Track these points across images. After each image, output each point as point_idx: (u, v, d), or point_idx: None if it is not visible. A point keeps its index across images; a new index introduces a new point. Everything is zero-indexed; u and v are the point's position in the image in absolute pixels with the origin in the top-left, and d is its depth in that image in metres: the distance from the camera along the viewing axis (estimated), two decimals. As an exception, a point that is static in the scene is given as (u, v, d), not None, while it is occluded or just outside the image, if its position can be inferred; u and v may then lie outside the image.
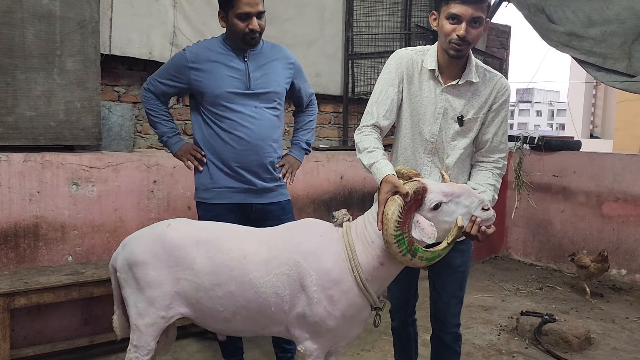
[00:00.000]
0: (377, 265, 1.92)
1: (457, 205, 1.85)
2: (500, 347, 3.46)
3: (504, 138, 2.18)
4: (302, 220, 2.17)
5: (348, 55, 4.82)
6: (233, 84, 2.48)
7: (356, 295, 1.94)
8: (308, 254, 1.95)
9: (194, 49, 2.54)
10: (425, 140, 2.16)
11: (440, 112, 2.12)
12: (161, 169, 3.47)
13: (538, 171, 5.37)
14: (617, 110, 9.35)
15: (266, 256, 1.98)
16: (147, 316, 2.06)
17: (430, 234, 1.79)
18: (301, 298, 1.94)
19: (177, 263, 2.02)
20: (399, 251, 1.78)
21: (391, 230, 1.76)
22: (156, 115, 2.65)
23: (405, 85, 2.13)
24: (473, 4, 1.93)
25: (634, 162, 4.89)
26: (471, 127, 2.13)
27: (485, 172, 2.17)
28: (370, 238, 1.92)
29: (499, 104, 2.13)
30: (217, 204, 2.55)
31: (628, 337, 3.68)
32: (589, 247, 5.09)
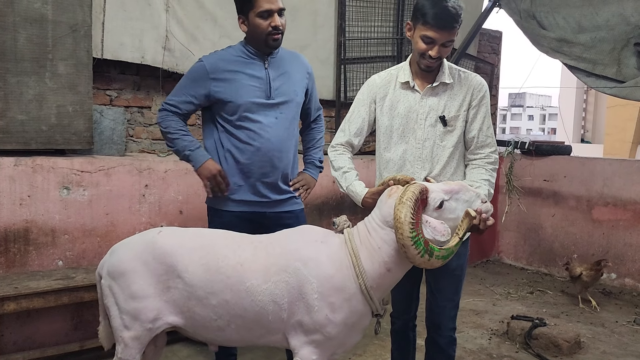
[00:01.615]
0: (384, 272, 1.90)
1: (458, 201, 1.88)
2: (490, 352, 3.48)
3: (490, 132, 2.26)
4: (300, 227, 2.13)
5: (340, 60, 4.84)
6: (255, 94, 2.40)
7: (359, 302, 1.91)
8: (308, 261, 1.91)
9: (212, 60, 2.43)
10: (416, 148, 2.22)
11: (423, 117, 2.21)
12: (153, 173, 3.46)
13: (529, 176, 5.41)
14: (607, 115, 9.43)
15: (264, 263, 1.94)
16: (132, 329, 2.00)
17: (443, 232, 1.80)
18: (300, 306, 1.89)
19: (168, 271, 1.97)
20: (417, 253, 1.75)
21: (407, 232, 1.73)
22: (175, 131, 2.46)
23: (378, 104, 2.28)
24: (447, 30, 2.05)
25: (624, 166, 4.93)
26: (455, 125, 2.21)
27: (478, 169, 2.23)
28: (377, 244, 1.89)
29: (477, 100, 2.22)
30: (230, 211, 2.48)
31: (617, 341, 3.71)
32: (579, 252, 5.13)
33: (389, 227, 1.87)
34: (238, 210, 2.48)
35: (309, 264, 1.90)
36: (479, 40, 5.92)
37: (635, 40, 4.56)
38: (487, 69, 6.06)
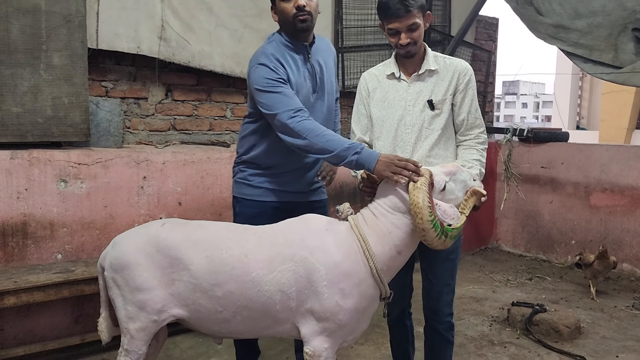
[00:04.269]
0: (395, 255, 1.96)
1: (456, 182, 2.00)
2: (492, 338, 3.49)
3: (478, 114, 2.34)
4: (303, 216, 2.12)
5: (338, 48, 4.80)
6: (306, 87, 2.36)
7: (369, 286, 1.95)
8: (315, 249, 1.92)
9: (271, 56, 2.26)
10: (405, 134, 2.29)
11: (412, 104, 2.27)
12: (151, 164, 3.44)
13: (527, 163, 5.41)
14: (602, 101, 9.44)
15: (269, 253, 1.94)
16: (137, 320, 2.00)
17: (453, 215, 1.88)
18: (309, 294, 1.91)
19: (172, 264, 1.97)
20: (436, 235, 1.83)
21: (426, 216, 1.80)
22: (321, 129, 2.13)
23: (370, 97, 2.36)
24: (404, 17, 2.13)
25: (621, 152, 4.94)
26: (442, 108, 2.27)
27: (469, 150, 2.31)
28: (387, 229, 1.95)
29: (464, 85, 2.28)
30: (263, 201, 2.44)
31: (617, 325, 3.73)
32: (577, 238, 5.16)
33: (400, 212, 1.94)
34: (273, 200, 2.44)
35: (316, 252, 1.92)
36: (475, 27, 5.89)
37: (633, 25, 4.55)
38: (484, 56, 6.04)
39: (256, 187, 2.44)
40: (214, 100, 4.19)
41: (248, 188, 2.45)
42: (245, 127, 2.47)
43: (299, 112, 2.15)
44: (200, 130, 4.14)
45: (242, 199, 2.46)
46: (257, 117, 2.38)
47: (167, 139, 3.96)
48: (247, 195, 2.45)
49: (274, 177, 2.44)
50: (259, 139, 2.42)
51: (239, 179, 2.49)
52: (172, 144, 3.89)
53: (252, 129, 2.43)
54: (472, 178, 2.06)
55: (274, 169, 2.44)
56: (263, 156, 2.42)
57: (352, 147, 2.05)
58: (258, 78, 2.22)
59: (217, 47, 3.95)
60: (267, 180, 2.44)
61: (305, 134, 2.10)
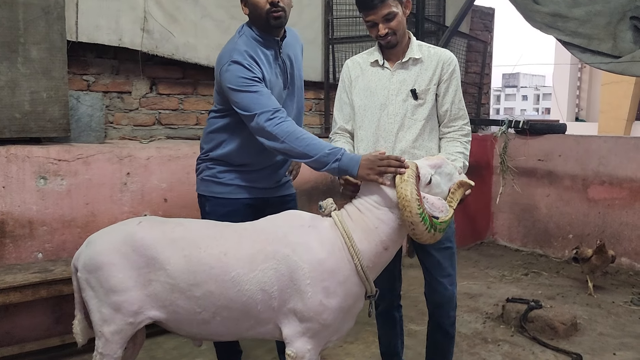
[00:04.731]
0: (381, 251, 1.91)
1: (441, 175, 1.93)
2: (485, 336, 3.41)
3: (461, 105, 2.29)
4: (284, 213, 2.07)
5: (328, 39, 4.70)
6: (278, 85, 2.28)
7: (354, 284, 1.89)
8: (297, 246, 1.87)
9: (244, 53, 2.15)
10: (388, 123, 2.24)
11: (395, 93, 2.23)
12: (134, 160, 3.36)
13: (523, 155, 5.31)
14: (602, 92, 9.32)
15: (249, 251, 1.88)
16: (112, 323, 1.93)
17: (441, 207, 1.84)
18: (292, 293, 1.85)
19: (149, 264, 1.90)
20: (425, 229, 1.79)
21: (415, 210, 1.76)
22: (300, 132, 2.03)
23: (353, 84, 2.30)
24: (378, 8, 2.11)
25: (619, 144, 4.84)
26: (425, 98, 2.23)
27: (452, 142, 2.26)
28: (373, 224, 1.90)
29: (448, 74, 2.24)
30: (234, 199, 2.34)
31: (614, 322, 3.65)
32: (575, 232, 5.07)
33: (386, 207, 1.89)
34: (245, 197, 2.36)
35: (298, 250, 1.86)
36: (471, 17, 5.77)
37: (632, 13, 4.43)
38: (480, 47, 5.92)
39: (227, 185, 2.35)
40: (200, 93, 4.09)
41: (218, 186, 2.36)
42: (213, 122, 2.36)
43: (277, 112, 2.06)
44: (186, 124, 4.04)
45: (212, 197, 2.36)
46: (227, 113, 2.28)
47: (152, 134, 3.87)
48: (217, 193, 2.36)
49: (245, 174, 2.35)
50: (229, 136, 2.32)
51: (206, 176, 2.38)
52: (157, 139, 3.79)
53: (221, 125, 2.33)
54: (458, 171, 2.00)
55: (246, 166, 2.35)
56: (234, 155, 2.32)
57: (332, 152, 1.96)
58: (232, 77, 2.11)
59: (203, 39, 3.84)
60: (237, 177, 2.35)
61: (284, 137, 2.01)
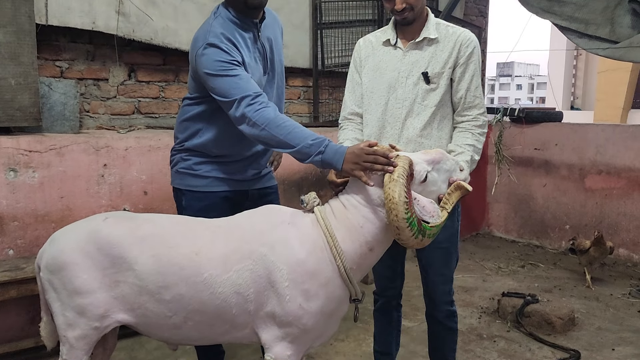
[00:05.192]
0: (366, 252, 1.75)
1: (439, 171, 1.77)
2: (481, 331, 3.28)
3: (478, 92, 2.10)
4: (262, 208, 1.91)
5: (317, 24, 4.51)
6: (258, 70, 2.11)
7: (336, 287, 1.74)
8: (275, 245, 1.72)
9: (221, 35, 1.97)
10: (395, 108, 2.08)
11: (405, 75, 2.06)
12: (112, 151, 3.19)
13: (519, 144, 5.17)
14: (598, 80, 9.19)
15: (223, 250, 1.74)
16: (77, 327, 1.78)
17: (432, 212, 1.67)
18: (270, 296, 1.71)
19: (115, 264, 1.75)
20: (412, 235, 1.63)
21: (402, 214, 1.59)
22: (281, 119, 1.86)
23: (363, 64, 2.16)
24: None
25: (617, 132, 4.71)
26: (438, 83, 2.05)
27: (464, 133, 2.09)
28: (358, 223, 1.73)
29: (465, 57, 2.05)
30: (211, 192, 2.17)
31: (613, 315, 3.53)
32: (572, 222, 4.94)
33: (373, 205, 1.73)
34: (224, 189, 2.19)
35: (277, 249, 1.71)
36: (465, 1, 5.60)
37: (631, -4, 4.28)
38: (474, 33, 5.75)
39: (203, 177, 2.18)
40: (182, 81, 3.90)
41: (194, 179, 2.19)
42: (187, 110, 2.18)
43: (258, 97, 1.89)
44: (167, 113, 3.86)
45: (188, 191, 2.19)
46: (202, 100, 2.11)
47: (131, 123, 3.69)
48: (193, 186, 2.19)
49: (223, 165, 2.18)
50: (205, 125, 2.14)
51: (181, 168, 2.21)
52: (137, 128, 3.62)
53: (196, 113, 2.15)
54: (460, 167, 1.83)
55: (224, 157, 2.18)
56: (211, 145, 2.15)
57: (315, 143, 1.78)
58: (208, 61, 1.94)
59: (184, 23, 3.65)
60: (215, 168, 2.18)
61: (264, 124, 1.84)
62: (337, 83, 4.66)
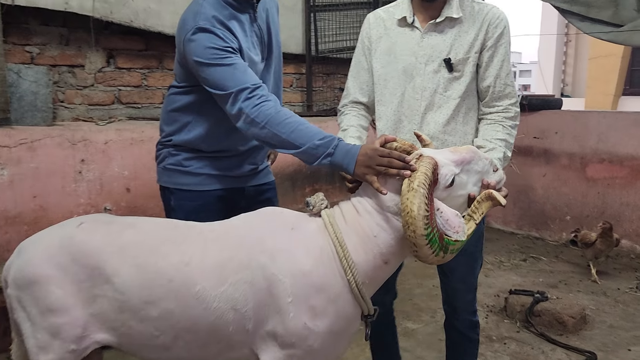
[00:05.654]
0: (380, 265, 1.53)
1: (469, 173, 1.52)
2: (489, 333, 3.11)
3: (509, 79, 1.84)
4: (262, 210, 1.67)
5: (309, 7, 4.25)
6: (256, 56, 1.88)
7: (347, 303, 1.52)
8: (277, 254, 1.50)
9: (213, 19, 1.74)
10: (414, 99, 1.83)
11: (423, 61, 1.80)
12: (90, 145, 2.96)
13: (522, 133, 4.99)
14: (589, 67, 9.09)
15: (218, 260, 1.51)
16: (51, 351, 1.55)
17: (457, 228, 1.43)
18: (271, 313, 1.49)
19: (92, 276, 1.53)
20: (431, 252, 1.40)
21: (420, 230, 1.36)
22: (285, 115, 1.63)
23: (373, 46, 1.89)
24: None
25: (620, 119, 4.56)
26: (463, 70, 1.80)
27: (493, 126, 1.83)
28: (372, 231, 1.51)
29: (494, 39, 1.79)
30: (204, 191, 1.94)
31: (623, 311, 3.39)
32: (572, 213, 4.80)
33: (389, 212, 1.51)
34: (217, 187, 1.96)
35: (279, 258, 1.49)
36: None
37: (638, -23, 4.11)
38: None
39: (195, 174, 1.93)
40: (167, 67, 3.64)
41: (184, 176, 1.94)
42: (174, 100, 1.93)
43: (257, 90, 1.65)
44: (151, 103, 3.59)
45: (178, 190, 1.95)
46: (190, 89, 1.86)
47: (111, 114, 3.42)
48: (183, 185, 1.94)
49: (216, 161, 1.95)
50: (194, 118, 1.89)
51: (170, 165, 1.96)
52: (118, 120, 3.37)
53: (185, 104, 1.90)
54: (493, 167, 1.59)
55: (217, 152, 1.95)
56: (201, 141, 1.91)
57: (323, 144, 1.56)
58: (199, 48, 1.69)
59: (168, 4, 3.39)
60: (207, 164, 1.94)
61: (264, 121, 1.61)
62: (332, 70, 4.43)
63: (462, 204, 1.56)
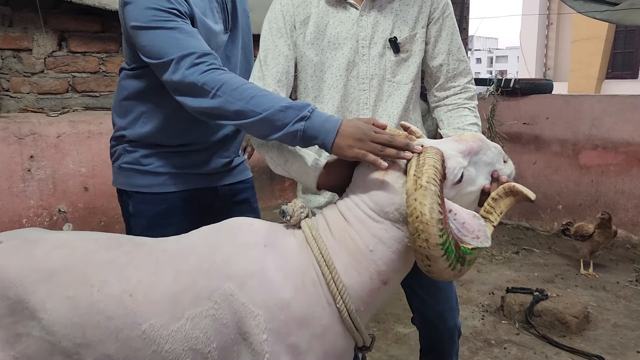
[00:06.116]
0: (378, 286, 1.24)
1: (477, 165, 1.29)
2: (487, 336, 2.88)
3: (461, 55, 1.61)
4: (227, 222, 1.34)
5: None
6: (217, 26, 1.60)
7: (338, 336, 1.23)
8: (247, 279, 1.19)
9: None
10: (359, 91, 1.55)
11: (366, 44, 1.53)
12: (40, 139, 2.65)
13: (513, 119, 4.76)
14: (572, 50, 8.95)
15: (171, 288, 1.21)
16: None
17: (477, 231, 1.15)
18: (242, 354, 1.19)
19: (13, 310, 1.22)
20: (448, 265, 1.12)
21: (434, 238, 1.08)
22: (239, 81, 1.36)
23: (299, 30, 1.53)
24: None
25: (614, 103, 4.36)
26: (411, 50, 1.56)
27: (458, 110, 1.60)
28: (366, 245, 1.22)
29: (440, 9, 1.57)
30: (169, 193, 1.64)
31: (626, 308, 3.20)
32: (565, 202, 4.61)
33: (388, 219, 1.22)
34: (184, 188, 1.65)
35: (249, 285, 1.19)
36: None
37: (635, -49, 3.89)
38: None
39: (156, 174, 1.62)
40: (127, 51, 3.28)
41: (144, 176, 1.62)
42: (125, 87, 1.62)
43: (205, 57, 1.36)
44: (110, 91, 3.24)
45: (137, 193, 1.63)
46: (142, 71, 1.56)
47: (64, 104, 3.07)
48: (143, 186, 1.63)
49: (181, 157, 1.64)
50: (150, 106, 1.59)
51: (125, 163, 1.64)
52: (72, 110, 3.02)
53: (137, 90, 1.59)
54: (503, 157, 1.35)
55: (182, 146, 1.64)
56: (159, 133, 1.60)
57: (292, 107, 1.25)
58: (137, 10, 1.40)
59: (126, -20, 3.01)
60: (170, 161, 1.62)
61: (215, 87, 1.30)
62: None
63: (470, 204, 1.30)
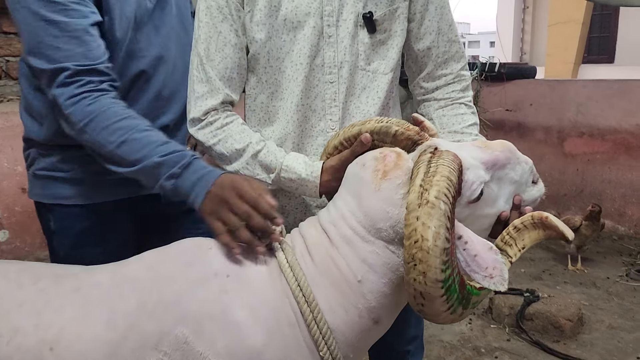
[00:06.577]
0: (369, 326, 1.00)
1: (501, 182, 1.02)
2: (476, 343, 2.67)
3: (453, 34, 1.29)
4: (177, 245, 1.06)
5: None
6: None
7: None
8: (205, 322, 0.94)
9: None
10: (324, 82, 1.21)
11: (333, 23, 1.18)
12: None
13: (496, 105, 4.58)
14: (549, 34, 8.83)
15: (105, 335, 0.93)
16: None
17: (491, 269, 0.89)
18: None
19: None
20: (447, 309, 0.87)
21: (435, 272, 0.83)
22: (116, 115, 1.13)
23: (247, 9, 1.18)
24: None
25: (601, 89, 4.22)
26: (391, 29, 1.23)
27: (454, 107, 1.30)
28: (354, 273, 0.97)
29: None
30: (96, 204, 1.35)
31: (619, 307, 3.04)
32: (549, 192, 4.34)
33: (382, 240, 0.97)
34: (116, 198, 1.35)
35: (207, 329, 0.94)
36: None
37: None
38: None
39: (79, 181, 1.31)
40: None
41: (64, 185, 1.31)
42: (26, 79, 1.29)
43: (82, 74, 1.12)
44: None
45: (57, 205, 1.31)
46: None
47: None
48: (64, 198, 1.31)
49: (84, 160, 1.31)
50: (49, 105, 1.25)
51: (40, 170, 1.32)
52: (7, 100, 2.67)
53: (36, 84, 1.26)
54: (534, 177, 1.10)
55: None
56: (61, 137, 1.26)
57: (166, 161, 1.06)
58: None
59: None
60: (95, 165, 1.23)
61: (83, 122, 1.10)
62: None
63: (483, 230, 1.03)
